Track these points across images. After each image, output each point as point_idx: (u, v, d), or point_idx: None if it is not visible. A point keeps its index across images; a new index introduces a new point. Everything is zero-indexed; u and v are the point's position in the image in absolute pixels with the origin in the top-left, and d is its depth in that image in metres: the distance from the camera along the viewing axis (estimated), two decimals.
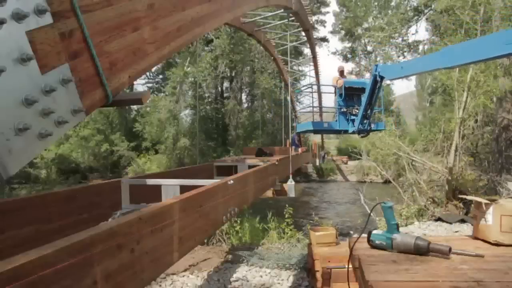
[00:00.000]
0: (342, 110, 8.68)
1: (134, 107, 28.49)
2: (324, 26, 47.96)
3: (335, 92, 9.13)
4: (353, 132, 8.72)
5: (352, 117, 8.50)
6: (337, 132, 9.58)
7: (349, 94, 8.58)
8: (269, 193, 8.08)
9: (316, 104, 13.62)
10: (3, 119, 1.26)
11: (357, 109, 8.37)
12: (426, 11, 21.60)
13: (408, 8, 24.16)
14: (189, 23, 2.66)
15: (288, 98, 16.71)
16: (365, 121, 7.87)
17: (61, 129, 1.52)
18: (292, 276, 5.35)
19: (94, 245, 1.63)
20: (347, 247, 2.87)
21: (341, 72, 9.91)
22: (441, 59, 6.12)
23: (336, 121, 8.88)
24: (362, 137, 9.24)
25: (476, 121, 11.67)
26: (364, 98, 7.51)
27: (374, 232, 2.40)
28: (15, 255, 1.31)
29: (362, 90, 8.01)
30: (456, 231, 8.00)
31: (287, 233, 7.54)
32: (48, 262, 1.35)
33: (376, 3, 36.68)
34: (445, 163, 11.17)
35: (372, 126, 8.46)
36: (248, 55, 27.73)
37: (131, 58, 1.99)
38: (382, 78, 6.98)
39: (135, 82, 26.85)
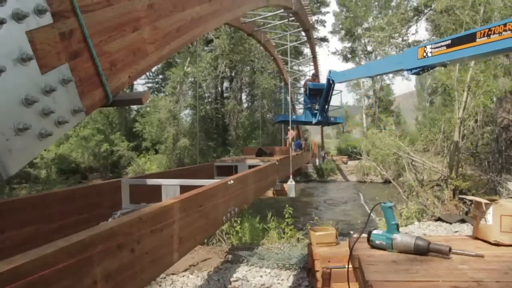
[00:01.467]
0: (307, 106, 11.05)
1: (134, 107, 28.47)
2: (324, 26, 47.96)
3: (305, 93, 11.61)
4: (315, 124, 11.33)
5: (315, 112, 10.85)
6: (304, 123, 12.22)
7: (312, 94, 10.81)
8: (269, 193, 8.08)
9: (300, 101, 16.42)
10: (3, 119, 1.26)
11: (318, 105, 10.66)
12: (426, 11, 21.57)
13: (408, 8, 24.16)
14: (189, 23, 2.66)
15: (288, 98, 16.70)
16: (324, 114, 10.36)
17: (61, 129, 1.52)
18: (292, 276, 5.35)
19: (94, 245, 1.63)
20: (347, 247, 2.88)
21: (314, 78, 12.50)
22: (365, 70, 8.74)
23: (303, 114, 11.38)
24: (322, 126, 13.01)
25: (476, 121, 11.65)
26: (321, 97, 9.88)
27: (374, 232, 2.40)
28: (15, 255, 1.31)
29: (322, 91, 10.04)
30: (456, 231, 7.99)
31: (287, 233, 7.54)
32: (48, 262, 1.35)
33: (376, 3, 36.69)
34: (445, 163, 11.16)
35: (332, 119, 11.31)
36: (248, 55, 27.67)
37: (131, 58, 1.99)
38: (333, 81, 9.00)
39: (135, 82, 26.84)
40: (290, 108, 17.03)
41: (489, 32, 4.46)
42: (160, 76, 33.01)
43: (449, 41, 4.99)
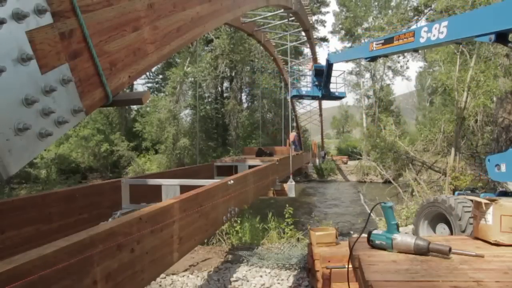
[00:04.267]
0: (315, 83, 13.46)
1: (134, 107, 28.47)
2: (324, 26, 47.97)
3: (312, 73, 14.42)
4: (322, 97, 13.93)
5: (320, 87, 13.13)
6: (312, 97, 15.04)
7: (317, 74, 13.14)
8: (269, 193, 8.09)
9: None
10: (3, 119, 1.26)
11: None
12: (426, 11, 21.55)
13: (408, 8, 24.12)
14: (189, 23, 2.66)
15: (288, 98, 16.75)
16: (327, 89, 12.53)
17: (61, 129, 1.52)
18: (292, 276, 5.34)
19: (94, 245, 1.63)
20: (347, 247, 2.88)
21: (314, 62, 16.23)
22: (345, 55, 11.45)
23: (312, 89, 13.89)
24: (324, 99, 14.72)
25: (476, 121, 11.66)
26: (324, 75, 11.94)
27: (374, 232, 2.39)
28: (15, 255, 1.31)
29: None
30: None
31: (287, 233, 7.54)
32: (48, 262, 1.35)
33: (376, 3, 36.70)
34: (445, 163, 11.17)
35: (336, 93, 13.89)
36: (248, 55, 27.66)
37: (131, 58, 1.99)
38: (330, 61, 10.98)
39: (135, 82, 26.82)
40: (290, 108, 17.35)
41: (399, 38, 6.07)
42: (160, 76, 32.99)
43: (383, 40, 6.67)
